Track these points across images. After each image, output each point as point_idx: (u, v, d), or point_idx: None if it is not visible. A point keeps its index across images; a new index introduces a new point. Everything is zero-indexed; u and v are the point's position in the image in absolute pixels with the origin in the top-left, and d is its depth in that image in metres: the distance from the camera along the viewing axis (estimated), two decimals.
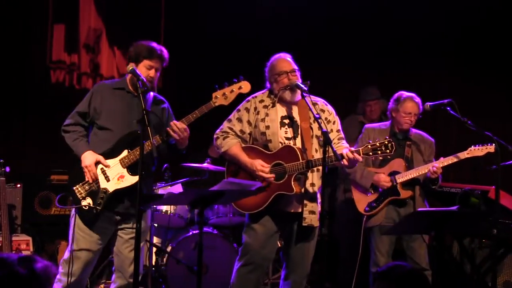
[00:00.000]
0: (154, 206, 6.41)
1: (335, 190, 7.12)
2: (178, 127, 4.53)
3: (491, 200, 5.83)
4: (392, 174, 5.64)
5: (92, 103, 4.73)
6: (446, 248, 6.36)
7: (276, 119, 4.87)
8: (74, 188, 4.63)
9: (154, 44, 4.77)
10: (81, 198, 4.60)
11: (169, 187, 6.66)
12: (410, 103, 5.66)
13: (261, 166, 4.76)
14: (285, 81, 4.83)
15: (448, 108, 5.45)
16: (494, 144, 5.32)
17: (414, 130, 5.81)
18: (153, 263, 6.53)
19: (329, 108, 5.01)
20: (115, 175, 4.60)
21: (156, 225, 6.70)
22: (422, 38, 8.07)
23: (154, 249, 6.57)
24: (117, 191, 4.60)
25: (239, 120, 4.96)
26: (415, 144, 5.75)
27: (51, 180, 6.78)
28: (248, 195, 4.68)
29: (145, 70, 4.67)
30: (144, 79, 4.47)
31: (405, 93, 5.74)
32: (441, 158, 5.58)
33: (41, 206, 6.78)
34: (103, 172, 4.60)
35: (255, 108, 4.93)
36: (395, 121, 5.75)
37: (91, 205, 4.56)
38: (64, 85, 7.78)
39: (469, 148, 5.50)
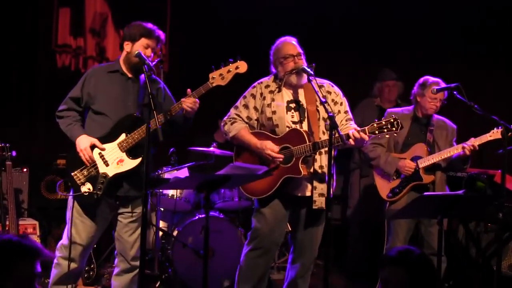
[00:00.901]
0: (160, 190, 6.43)
1: (349, 175, 7.12)
2: (190, 102, 4.53)
3: (497, 184, 5.83)
4: (414, 159, 5.62)
5: (85, 88, 4.71)
6: (451, 232, 6.37)
7: (283, 103, 4.86)
8: (73, 174, 4.61)
9: (150, 25, 4.76)
10: (80, 184, 4.58)
11: (175, 171, 6.66)
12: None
13: (271, 145, 4.76)
14: (291, 64, 4.82)
15: (455, 92, 5.43)
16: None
17: (436, 116, 5.78)
18: (160, 247, 6.56)
19: (336, 89, 4.99)
20: (114, 159, 4.59)
21: (162, 209, 6.72)
22: (422, 37, 8.04)
23: (160, 233, 6.60)
24: (117, 175, 4.60)
25: (246, 106, 4.96)
26: (437, 130, 5.73)
27: (57, 165, 6.78)
28: (255, 179, 4.69)
29: (142, 49, 4.64)
30: (151, 64, 4.46)
31: (431, 78, 5.70)
32: (472, 139, 5.54)
33: (47, 190, 6.80)
34: (102, 156, 4.59)
35: (261, 94, 4.92)
36: (419, 106, 5.72)
37: (92, 191, 4.56)
38: (70, 69, 7.78)
39: (492, 131, 5.46)
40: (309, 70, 4.70)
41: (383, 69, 7.31)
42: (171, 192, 6.57)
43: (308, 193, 4.81)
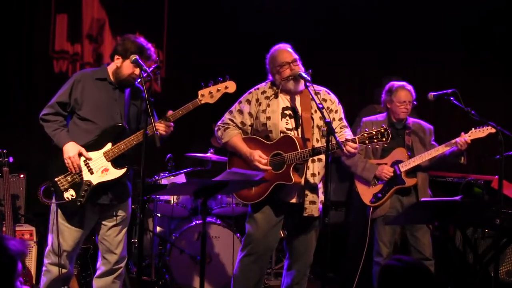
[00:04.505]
0: (158, 196, 6.43)
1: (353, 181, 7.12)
2: (163, 127, 4.57)
3: (494, 190, 5.83)
4: (395, 163, 5.65)
5: (73, 93, 4.69)
6: (449, 238, 6.37)
7: (277, 110, 4.86)
8: (56, 179, 4.60)
9: (144, 42, 4.73)
10: (63, 190, 4.57)
11: (172, 177, 6.66)
12: (403, 92, 5.68)
13: (258, 157, 4.76)
14: (287, 72, 4.81)
15: (452, 98, 5.44)
16: (494, 126, 5.32)
17: (411, 119, 5.83)
18: (157, 253, 6.55)
19: (332, 96, 4.99)
20: (99, 168, 4.60)
21: (159, 215, 6.71)
22: (422, 35, 8.06)
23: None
24: (100, 184, 4.60)
25: (240, 112, 4.96)
26: (414, 133, 5.76)
27: None
28: (252, 185, 4.70)
29: (131, 66, 4.64)
30: (148, 70, 4.47)
31: (396, 83, 5.78)
32: (462, 133, 5.52)
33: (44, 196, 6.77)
34: (86, 164, 4.59)
35: (257, 100, 4.93)
36: (391, 112, 5.76)
37: (74, 197, 4.55)
38: (67, 75, 7.76)
39: (470, 131, 5.48)
40: (306, 76, 4.70)
41: (389, 78, 7.30)
42: (168, 198, 6.57)
43: (300, 200, 4.81)
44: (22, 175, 6.57)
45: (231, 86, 4.65)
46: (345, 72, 8.31)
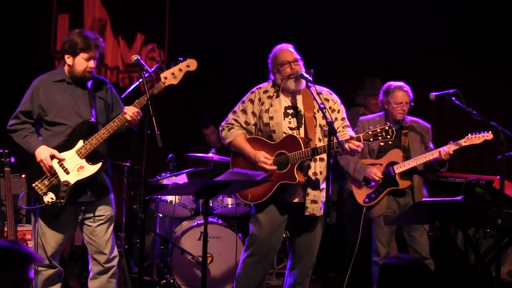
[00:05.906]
0: (159, 196, 6.43)
1: (344, 181, 7.12)
2: (132, 112, 4.54)
3: (495, 190, 5.83)
4: (390, 164, 5.62)
5: (34, 101, 4.69)
6: (450, 238, 6.37)
7: (280, 109, 4.87)
8: (34, 185, 4.59)
9: (89, 33, 4.74)
10: (42, 194, 4.57)
11: (174, 177, 6.66)
12: (400, 93, 5.62)
13: (264, 158, 4.77)
14: (287, 71, 4.83)
15: (453, 98, 5.45)
16: (490, 132, 5.33)
17: (409, 118, 5.78)
18: (158, 253, 6.55)
19: (334, 97, 5.00)
20: (74, 167, 4.59)
21: (161, 215, 6.72)
22: (422, 35, 8.07)
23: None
24: (79, 182, 4.59)
25: (244, 111, 4.97)
26: (411, 132, 5.74)
27: None
28: (253, 186, 4.69)
29: (84, 62, 4.65)
30: (150, 70, 4.48)
31: (394, 84, 5.71)
32: (450, 142, 5.54)
33: None
34: (61, 165, 4.58)
35: (260, 99, 4.93)
36: (388, 112, 5.73)
37: (55, 200, 4.55)
38: None
39: (466, 136, 5.48)
40: (307, 76, 4.71)
41: (371, 80, 7.30)
42: (169, 198, 6.57)
43: (301, 200, 4.82)
44: (23, 176, 6.57)
45: (192, 64, 4.67)
46: (345, 72, 8.30)
